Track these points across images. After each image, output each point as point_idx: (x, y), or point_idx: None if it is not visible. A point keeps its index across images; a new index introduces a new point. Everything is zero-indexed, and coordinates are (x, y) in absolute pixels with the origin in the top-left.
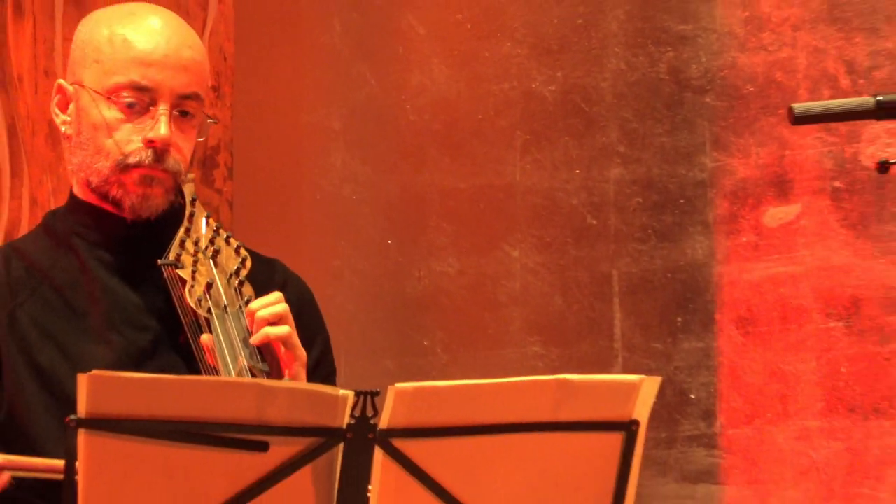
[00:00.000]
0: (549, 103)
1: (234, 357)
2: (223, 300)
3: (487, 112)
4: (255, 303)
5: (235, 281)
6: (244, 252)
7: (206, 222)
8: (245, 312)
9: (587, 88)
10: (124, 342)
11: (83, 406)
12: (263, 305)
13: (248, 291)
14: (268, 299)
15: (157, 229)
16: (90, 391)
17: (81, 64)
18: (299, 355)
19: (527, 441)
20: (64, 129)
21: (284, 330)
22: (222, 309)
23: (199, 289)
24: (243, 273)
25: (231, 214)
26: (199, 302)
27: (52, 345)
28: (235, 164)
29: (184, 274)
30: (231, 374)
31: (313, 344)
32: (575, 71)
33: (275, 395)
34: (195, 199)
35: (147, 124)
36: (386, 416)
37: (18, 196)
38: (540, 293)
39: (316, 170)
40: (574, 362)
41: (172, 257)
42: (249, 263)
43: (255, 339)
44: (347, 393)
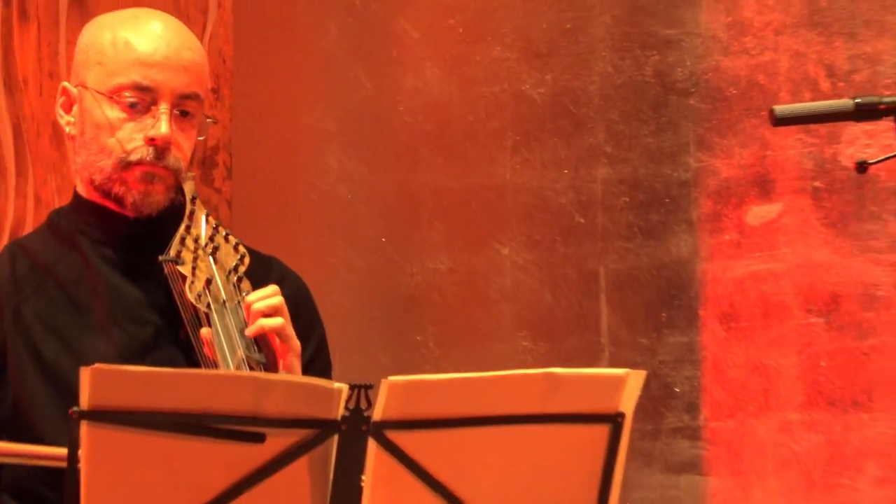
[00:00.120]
0: (539, 105)
1: (233, 350)
2: (222, 295)
3: (479, 114)
4: (252, 295)
5: (234, 277)
6: (242, 249)
7: (206, 220)
8: (243, 307)
9: (575, 91)
10: (126, 336)
11: (86, 398)
12: (259, 298)
13: (247, 287)
14: (264, 292)
15: (159, 227)
16: (92, 384)
17: (85, 66)
18: (293, 346)
19: (516, 433)
20: (68, 130)
21: (278, 321)
22: (221, 304)
23: (199, 284)
24: (242, 269)
25: (230, 213)
26: (199, 297)
27: (56, 339)
28: (234, 164)
29: (184, 270)
30: (230, 367)
31: (309, 339)
32: (563, 74)
33: (272, 388)
34: (195, 198)
35: (148, 123)
36: (379, 409)
37: (23, 195)
38: (529, 289)
39: (312, 170)
40: (562, 356)
41: (173, 254)
42: (248, 260)
43: (251, 331)
44: (342, 386)
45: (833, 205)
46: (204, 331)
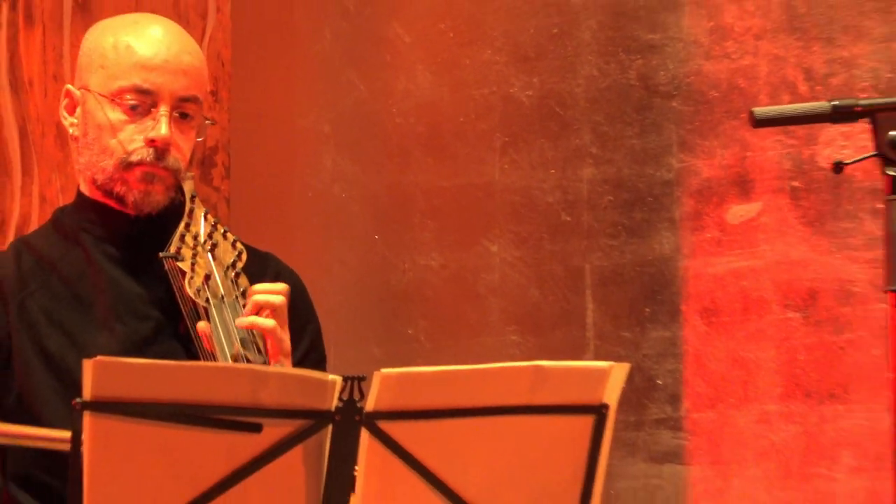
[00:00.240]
0: (527, 107)
1: (231, 343)
2: (220, 291)
3: (468, 115)
4: (260, 286)
5: (232, 273)
6: (240, 246)
7: (205, 218)
8: (241, 302)
9: (562, 94)
10: (127, 330)
11: (88, 390)
12: (264, 291)
13: (244, 283)
14: (272, 287)
15: (159, 225)
16: (95, 376)
17: (88, 69)
18: (284, 348)
19: (504, 423)
20: (71, 131)
21: (270, 323)
22: (219, 299)
23: (198, 280)
24: (239, 265)
25: (228, 211)
26: (198, 292)
27: (60, 332)
28: (232, 164)
29: (184, 266)
30: (227, 360)
31: (304, 332)
32: (550, 77)
33: (268, 380)
34: (194, 196)
35: (148, 125)
36: (372, 400)
37: (29, 193)
38: (517, 285)
39: (308, 169)
40: (548, 350)
41: (173, 250)
42: (245, 257)
43: (241, 322)
44: (336, 378)
45: (810, 204)
46: (201, 324)
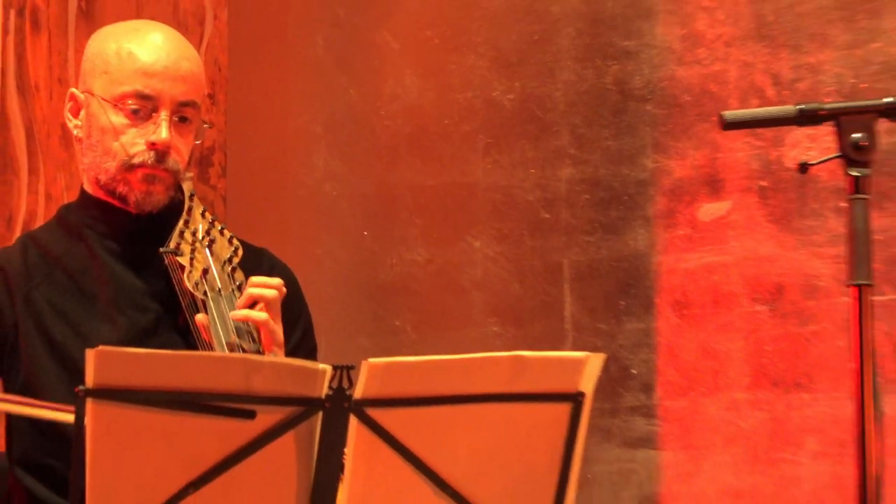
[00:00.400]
0: (508, 110)
1: (227, 334)
2: (217, 284)
3: (453, 118)
4: (257, 278)
5: (228, 267)
6: (236, 242)
7: (203, 215)
8: (237, 295)
9: (542, 97)
10: (129, 322)
11: (91, 378)
12: (260, 284)
13: (240, 277)
14: (266, 280)
15: (159, 222)
16: (97, 364)
17: (91, 74)
18: (277, 339)
19: (486, 410)
20: (76, 133)
21: (262, 316)
22: (217, 292)
23: (196, 274)
24: (235, 260)
25: (225, 208)
26: (196, 285)
27: (65, 323)
28: (229, 164)
29: (182, 261)
30: (223, 350)
31: (297, 323)
32: (531, 82)
33: (261, 369)
34: (193, 195)
35: (150, 129)
36: (360, 388)
37: (35, 191)
38: (499, 279)
39: (300, 169)
40: (528, 341)
41: (172, 246)
42: (241, 252)
43: (235, 315)
44: (326, 367)
45: (777, 202)
46: (199, 316)
